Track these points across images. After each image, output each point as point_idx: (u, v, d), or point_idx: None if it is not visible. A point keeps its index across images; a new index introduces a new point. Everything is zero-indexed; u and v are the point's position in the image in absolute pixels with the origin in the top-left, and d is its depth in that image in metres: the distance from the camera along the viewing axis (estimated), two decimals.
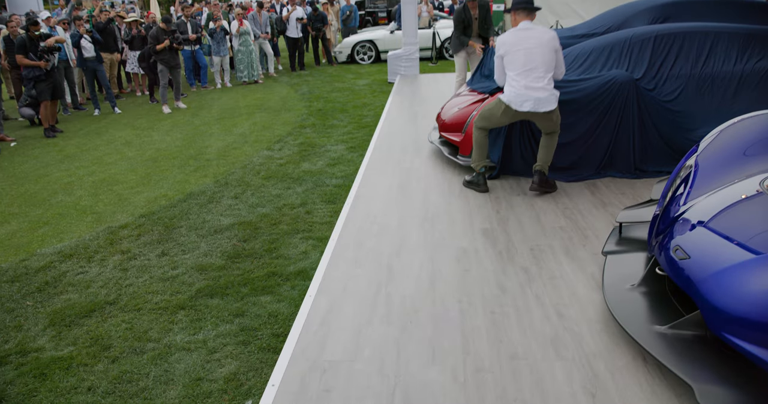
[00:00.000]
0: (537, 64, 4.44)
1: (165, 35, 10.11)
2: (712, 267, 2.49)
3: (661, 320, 2.74)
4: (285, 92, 11.71)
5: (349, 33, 16.49)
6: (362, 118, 8.88)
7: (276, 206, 5.33)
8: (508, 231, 4.08)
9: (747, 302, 2.27)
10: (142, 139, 8.49)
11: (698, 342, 2.56)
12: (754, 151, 3.24)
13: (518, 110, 4.53)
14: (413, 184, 5.13)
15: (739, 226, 2.62)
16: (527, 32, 4.50)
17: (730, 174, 3.12)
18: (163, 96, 10.43)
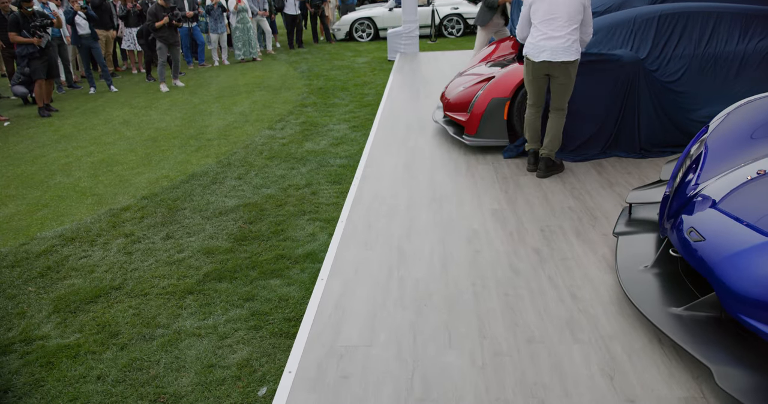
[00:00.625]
0: (560, 13, 4.35)
1: (164, 12, 9.95)
2: (727, 249, 2.48)
3: (677, 302, 2.73)
4: (284, 70, 11.57)
5: (347, 10, 16.30)
6: (363, 96, 8.79)
7: (281, 187, 5.27)
8: (517, 211, 4.04)
9: (763, 284, 2.26)
10: (140, 118, 8.38)
11: (714, 324, 2.55)
12: (762, 133, 3.22)
13: (535, 61, 4.46)
14: (419, 163, 5.08)
15: (752, 208, 2.61)
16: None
17: (741, 156, 3.10)
18: (161, 74, 10.29)
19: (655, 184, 3.90)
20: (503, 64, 5.84)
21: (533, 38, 4.49)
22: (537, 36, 4.45)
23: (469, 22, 15.17)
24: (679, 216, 2.87)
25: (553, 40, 4.37)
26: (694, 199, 2.89)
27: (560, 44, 4.36)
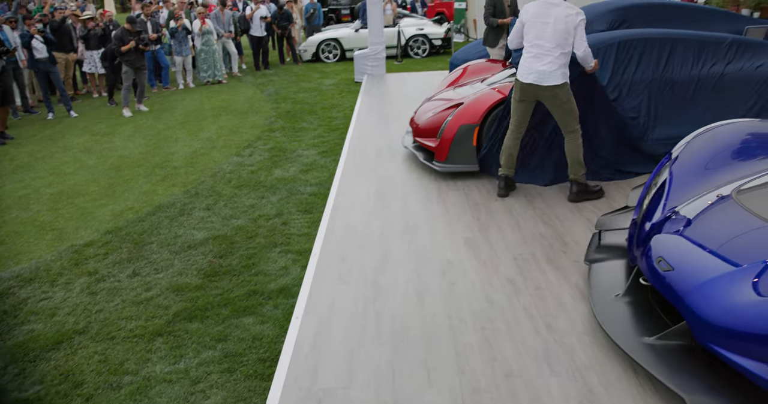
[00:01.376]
0: (548, 37, 4.42)
1: (130, 36, 9.84)
2: (696, 279, 2.52)
3: (649, 331, 2.76)
4: (251, 93, 11.53)
5: (313, 31, 16.34)
6: (332, 120, 8.80)
7: (251, 217, 5.22)
8: (489, 239, 4.07)
9: (731, 314, 2.31)
10: (102, 146, 8.23)
11: (686, 353, 2.59)
12: (723, 160, 3.31)
13: (523, 82, 4.53)
14: (390, 191, 5.08)
15: (717, 237, 2.68)
16: (551, 8, 4.45)
17: (705, 183, 3.19)
18: (125, 98, 10.15)
19: (623, 210, 3.98)
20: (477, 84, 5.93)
21: (523, 58, 4.58)
22: (526, 57, 4.54)
23: (434, 43, 15.34)
24: (647, 244, 2.92)
25: (540, 63, 4.44)
26: (661, 227, 2.94)
27: (547, 68, 4.42)
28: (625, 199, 4.59)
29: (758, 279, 2.33)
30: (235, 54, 13.84)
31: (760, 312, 2.24)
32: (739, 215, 2.74)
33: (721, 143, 3.44)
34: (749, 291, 2.32)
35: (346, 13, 21.75)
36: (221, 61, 12.97)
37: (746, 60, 5.37)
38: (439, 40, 15.38)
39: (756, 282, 2.33)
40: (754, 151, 3.38)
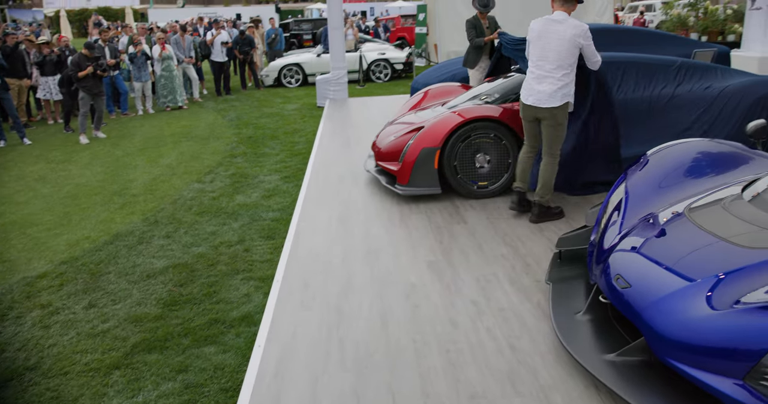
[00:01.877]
0: (550, 57, 4.44)
1: (88, 61, 9.71)
2: (652, 295, 2.58)
3: (609, 348, 2.80)
4: (212, 118, 11.46)
5: (275, 56, 16.41)
6: (294, 145, 8.78)
7: (212, 245, 5.14)
8: (452, 262, 4.08)
9: (687, 328, 2.36)
10: (57, 174, 8.04)
11: (646, 368, 2.63)
12: (677, 179, 3.42)
13: (524, 102, 4.59)
14: (353, 215, 5.08)
15: (672, 253, 2.74)
16: (555, 24, 4.47)
17: (659, 200, 3.27)
18: (82, 125, 9.97)
19: (582, 229, 4.04)
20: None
21: (526, 79, 4.63)
22: (529, 78, 4.59)
23: (396, 67, 15.52)
24: (605, 262, 2.97)
25: (541, 84, 4.48)
26: (618, 245, 3.00)
27: (547, 89, 4.45)
28: (583, 219, 4.67)
29: (711, 293, 2.39)
30: (195, 79, 13.78)
31: (713, 325, 2.29)
32: (691, 232, 2.81)
33: (674, 162, 3.55)
34: (703, 305, 2.38)
35: (308, 38, 21.91)
36: (182, 86, 12.89)
37: (695, 82, 5.56)
38: (401, 64, 15.58)
39: (709, 296, 2.39)
40: (704, 170, 3.49)
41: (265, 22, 18.24)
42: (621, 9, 27.72)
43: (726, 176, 3.40)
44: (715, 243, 2.65)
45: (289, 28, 22.18)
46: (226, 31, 14.64)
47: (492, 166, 5.28)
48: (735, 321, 2.25)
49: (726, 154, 3.62)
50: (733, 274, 2.43)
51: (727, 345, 2.21)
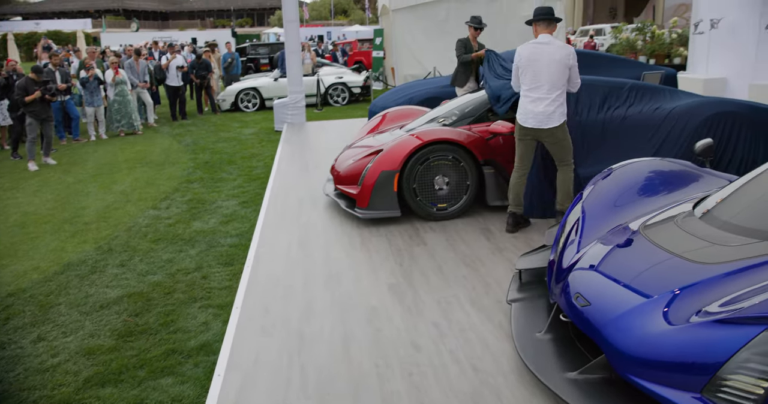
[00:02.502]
0: (543, 81, 4.60)
1: (36, 86, 9.47)
2: (611, 312, 2.61)
3: (571, 366, 2.81)
4: (167, 144, 11.29)
5: (231, 80, 16.32)
6: (252, 169, 8.70)
7: (168, 272, 5.02)
8: (413, 284, 4.07)
9: (646, 344, 2.39)
10: (4, 202, 7.77)
11: (607, 385, 2.65)
12: (631, 198, 3.50)
13: (523, 125, 4.73)
14: (313, 239, 5.04)
15: (629, 270, 2.79)
16: (543, 47, 4.63)
17: (615, 219, 3.34)
18: (30, 151, 9.69)
19: (541, 249, 4.08)
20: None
21: (522, 102, 4.76)
22: (524, 101, 4.73)
23: (353, 91, 15.61)
24: (565, 281, 3.00)
25: (537, 106, 4.63)
26: (577, 264, 3.04)
27: (545, 111, 4.62)
28: (542, 238, 4.73)
29: (668, 309, 2.44)
30: (150, 104, 13.60)
31: (671, 340, 2.33)
32: (647, 249, 2.87)
33: (628, 181, 3.63)
34: (660, 320, 2.42)
35: (265, 62, 21.91)
36: (136, 111, 12.69)
37: (645, 103, 5.73)
38: (359, 88, 15.69)
39: (666, 311, 2.43)
40: (657, 188, 3.58)
41: (221, 47, 18.19)
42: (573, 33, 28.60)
43: (677, 194, 3.50)
44: (670, 260, 2.71)
45: (246, 53, 22.16)
46: (181, 56, 14.53)
47: (451, 187, 5.32)
48: (691, 335, 2.29)
49: (677, 172, 3.73)
50: (688, 289, 2.48)
51: (684, 359, 2.25)
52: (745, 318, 2.18)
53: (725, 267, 2.53)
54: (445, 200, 5.32)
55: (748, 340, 2.11)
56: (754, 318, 2.15)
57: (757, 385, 2.03)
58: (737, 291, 2.37)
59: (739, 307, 2.24)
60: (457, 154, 5.22)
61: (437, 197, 5.30)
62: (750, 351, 2.09)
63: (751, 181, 3.19)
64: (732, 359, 2.11)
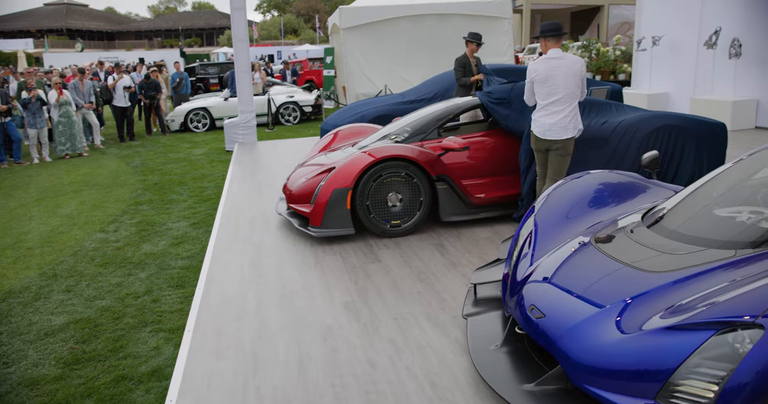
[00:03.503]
0: (559, 95, 4.79)
1: None
2: (566, 323, 2.64)
3: (528, 378, 2.83)
4: (115, 165, 11.02)
5: (180, 100, 16.09)
6: (203, 190, 8.56)
7: (117, 297, 4.87)
8: (368, 302, 4.05)
9: (600, 353, 2.43)
10: None
11: (564, 396, 2.67)
12: (582, 210, 3.57)
13: (541, 138, 4.92)
14: (266, 259, 4.96)
15: (582, 281, 2.84)
16: (556, 61, 4.81)
17: (566, 231, 3.40)
18: None
19: (495, 262, 4.13)
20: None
21: (537, 115, 4.94)
22: (541, 114, 4.91)
23: (305, 110, 15.59)
24: (519, 294, 3.03)
25: (553, 118, 4.83)
26: (531, 277, 3.08)
27: (562, 123, 4.82)
28: (497, 252, 4.78)
29: (620, 318, 2.48)
30: (96, 125, 13.27)
31: (624, 348, 2.36)
32: (598, 259, 2.92)
33: (579, 193, 3.71)
34: (613, 329, 2.46)
35: (214, 82, 21.70)
36: (81, 132, 12.36)
37: (593, 117, 5.88)
38: (310, 106, 15.67)
39: (619, 320, 2.47)
40: (607, 200, 3.66)
41: (170, 66, 17.95)
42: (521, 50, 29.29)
43: (626, 205, 3.59)
44: (621, 269, 2.77)
45: (195, 72, 21.91)
46: (128, 76, 14.26)
47: (404, 204, 5.33)
48: (643, 343, 2.33)
49: (625, 184, 3.83)
50: (639, 298, 2.53)
51: (637, 367, 2.29)
52: (695, 324, 2.23)
53: (674, 275, 2.60)
54: (399, 217, 5.33)
55: (698, 346, 2.16)
56: (704, 324, 2.21)
57: (707, 389, 2.08)
58: (686, 298, 2.43)
59: (689, 314, 2.30)
60: (410, 171, 5.24)
61: (391, 214, 5.30)
62: (700, 356, 2.14)
63: (696, 191, 3.30)
64: (683, 364, 2.16)
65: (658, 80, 12.66)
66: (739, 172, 3.36)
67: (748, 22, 10.97)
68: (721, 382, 2.06)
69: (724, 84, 11.53)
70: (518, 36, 37.45)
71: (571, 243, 3.22)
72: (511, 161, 5.78)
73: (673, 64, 12.33)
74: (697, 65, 12.04)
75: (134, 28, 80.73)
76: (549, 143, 4.92)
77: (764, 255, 2.58)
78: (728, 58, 11.18)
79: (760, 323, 2.08)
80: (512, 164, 5.79)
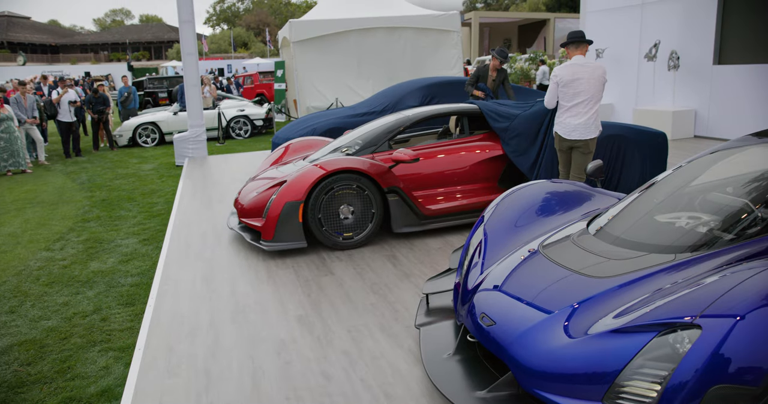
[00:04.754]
0: (584, 97, 5.22)
1: None
2: (515, 329, 2.70)
3: (480, 385, 2.88)
4: (61, 182, 10.71)
5: (129, 115, 15.79)
6: (153, 206, 8.40)
7: (64, 316, 4.73)
8: (322, 315, 4.05)
9: (549, 358, 2.49)
10: None
11: (515, 401, 2.72)
12: (530, 218, 3.66)
13: (567, 138, 5.34)
14: (218, 274, 4.91)
15: (529, 287, 2.91)
16: (580, 67, 5.21)
17: (515, 239, 3.48)
18: None
19: (447, 272, 4.18)
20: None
21: (562, 117, 5.36)
22: (566, 116, 5.33)
23: (256, 124, 15.49)
24: (470, 302, 3.08)
25: (580, 120, 5.25)
26: (481, 285, 3.13)
27: (587, 123, 5.24)
28: (448, 262, 4.84)
29: (568, 323, 2.55)
30: (40, 141, 12.89)
31: (571, 352, 2.43)
32: (547, 267, 3.00)
33: (527, 202, 3.80)
34: (561, 334, 2.53)
35: (163, 96, 21.38)
36: (24, 149, 11.99)
37: None
38: (261, 120, 15.59)
39: (566, 325, 2.55)
40: (554, 208, 3.77)
41: (117, 80, 17.61)
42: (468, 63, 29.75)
43: (573, 213, 3.70)
44: (569, 276, 2.85)
45: (144, 86, 21.55)
46: (73, 90, 13.91)
47: (356, 216, 5.35)
48: (589, 346, 2.40)
49: (571, 192, 3.94)
50: (586, 303, 2.62)
51: (585, 370, 2.35)
52: (638, 327, 2.32)
53: (618, 280, 2.69)
54: (351, 229, 5.34)
55: (641, 347, 2.25)
56: (646, 326, 2.29)
57: (650, 389, 2.16)
58: (630, 301, 2.52)
59: (632, 317, 2.38)
60: (361, 183, 5.27)
61: (343, 226, 5.32)
62: (644, 358, 2.22)
63: (638, 198, 3.43)
64: (628, 366, 2.24)
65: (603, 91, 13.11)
66: (678, 179, 3.51)
67: (685, 35, 11.45)
68: (663, 382, 2.14)
69: (665, 95, 12.00)
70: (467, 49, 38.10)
71: (520, 251, 3.29)
72: (462, 172, 5.88)
73: (617, 76, 12.75)
74: (639, 77, 12.50)
75: (79, 42, 78.89)
76: (573, 142, 5.33)
77: (702, 258, 2.70)
78: (667, 70, 11.65)
79: (698, 323, 2.17)
80: (463, 175, 5.88)
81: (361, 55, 15.42)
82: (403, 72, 15.05)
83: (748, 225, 2.82)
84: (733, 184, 3.23)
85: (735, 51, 10.54)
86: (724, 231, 2.84)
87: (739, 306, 2.16)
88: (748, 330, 2.10)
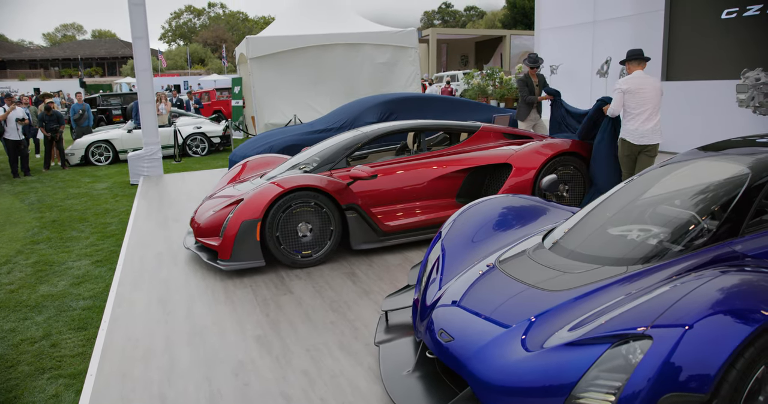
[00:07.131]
0: (649, 106, 5.85)
1: None
2: (474, 345, 2.71)
3: (440, 401, 2.88)
4: (8, 203, 10.38)
5: (83, 133, 15.43)
6: (106, 226, 8.20)
7: (11, 343, 4.55)
8: (281, 334, 3.99)
9: (506, 373, 2.51)
10: None
11: None
12: (487, 233, 3.70)
13: (635, 143, 5.91)
14: (174, 296, 4.81)
15: (487, 301, 2.93)
16: (642, 80, 5.86)
17: (473, 255, 3.50)
18: None
19: (405, 289, 4.18)
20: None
21: (631, 125, 5.93)
22: (635, 124, 5.91)
23: (213, 141, 15.32)
24: (429, 318, 3.08)
25: (648, 126, 5.85)
26: (439, 301, 3.14)
27: (654, 129, 5.87)
28: (407, 278, 4.84)
29: (525, 336, 2.58)
30: None
31: (528, 366, 2.45)
32: (503, 281, 3.03)
33: (483, 218, 3.84)
34: (519, 348, 2.55)
35: (117, 114, 20.99)
36: None
37: None
38: (218, 137, 15.43)
39: (524, 339, 2.57)
40: (511, 222, 3.81)
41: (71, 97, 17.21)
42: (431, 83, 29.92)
43: (528, 227, 3.75)
44: (525, 290, 2.88)
45: (97, 103, 21.13)
46: (21, 108, 13.54)
47: (315, 234, 5.31)
48: (546, 359, 2.43)
49: (527, 207, 4.00)
50: (542, 316, 2.64)
51: (542, 384, 2.38)
52: (592, 339, 2.35)
53: (573, 293, 2.74)
54: (310, 247, 5.30)
55: (595, 359, 2.28)
56: (600, 338, 2.33)
57: (605, 400, 2.19)
58: (584, 314, 2.56)
59: (586, 329, 2.42)
60: (319, 200, 5.24)
61: (301, 244, 5.27)
62: (598, 369, 2.25)
63: (591, 211, 3.50)
64: (583, 378, 2.27)
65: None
66: (629, 192, 3.60)
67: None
68: (617, 392, 2.17)
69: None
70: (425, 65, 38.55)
71: (477, 266, 3.31)
72: (421, 188, 5.91)
73: (571, 92, 13.05)
74: (592, 92, 12.82)
75: (28, 57, 76.91)
76: (641, 147, 5.88)
77: (653, 269, 2.77)
78: None
79: (649, 334, 2.22)
80: (422, 191, 5.91)
81: (319, 72, 15.42)
82: (362, 88, 15.10)
83: (696, 236, 2.90)
84: (681, 196, 3.32)
85: (682, 68, 10.91)
86: (673, 243, 2.91)
87: (688, 316, 2.22)
88: (697, 339, 2.16)
